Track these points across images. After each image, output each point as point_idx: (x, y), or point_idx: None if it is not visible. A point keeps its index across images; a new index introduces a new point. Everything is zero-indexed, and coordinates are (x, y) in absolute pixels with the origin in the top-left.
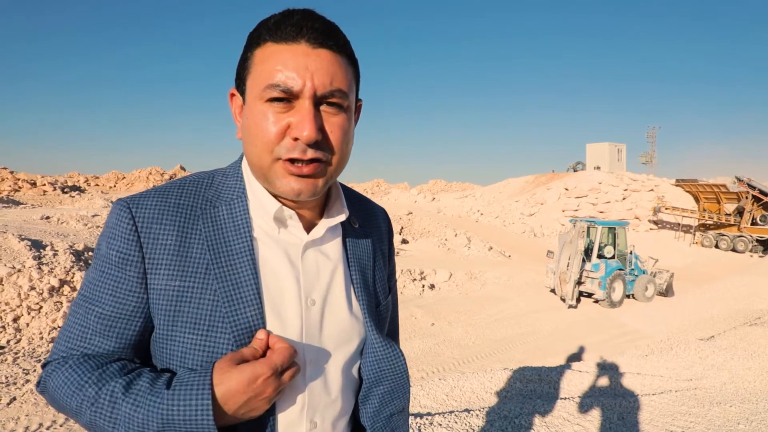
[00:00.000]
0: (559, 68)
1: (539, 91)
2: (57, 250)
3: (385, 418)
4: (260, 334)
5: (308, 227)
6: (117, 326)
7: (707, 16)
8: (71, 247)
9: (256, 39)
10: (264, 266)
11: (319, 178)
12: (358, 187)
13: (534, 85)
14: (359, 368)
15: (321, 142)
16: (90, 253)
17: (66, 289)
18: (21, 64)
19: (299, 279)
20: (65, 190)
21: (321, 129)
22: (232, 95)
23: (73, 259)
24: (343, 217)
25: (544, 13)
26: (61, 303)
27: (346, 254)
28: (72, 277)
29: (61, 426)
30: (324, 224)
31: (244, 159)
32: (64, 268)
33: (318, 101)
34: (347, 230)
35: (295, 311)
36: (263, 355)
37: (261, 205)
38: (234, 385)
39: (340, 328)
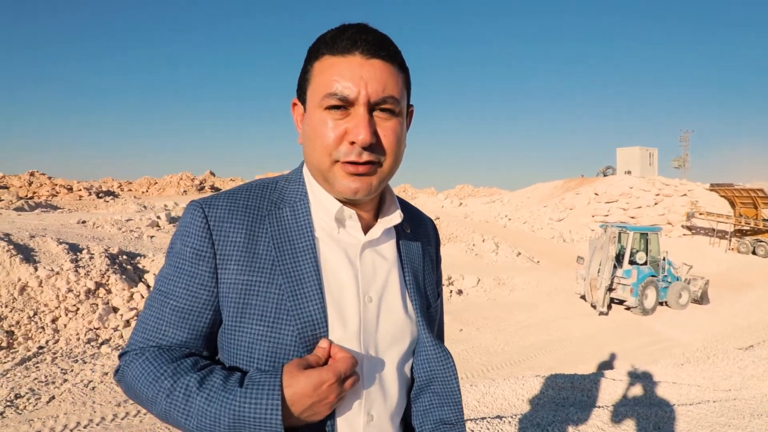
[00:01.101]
0: (590, 72)
1: (568, 94)
2: (93, 254)
3: (434, 423)
4: (323, 343)
5: (365, 229)
6: (190, 318)
7: (742, 18)
8: (106, 250)
9: (314, 53)
10: (325, 264)
11: (373, 177)
12: None
13: (563, 88)
14: (412, 368)
15: (375, 146)
16: (124, 257)
17: (101, 291)
18: (55, 69)
19: (357, 277)
20: (100, 195)
21: (375, 133)
22: (294, 105)
23: (108, 262)
24: (398, 219)
25: (576, 17)
26: (97, 305)
27: (399, 256)
28: (107, 280)
29: (97, 425)
30: (381, 225)
31: (305, 165)
32: (100, 271)
33: (372, 108)
34: (400, 234)
35: (354, 307)
36: (325, 362)
37: (322, 206)
38: (301, 388)
39: (395, 325)
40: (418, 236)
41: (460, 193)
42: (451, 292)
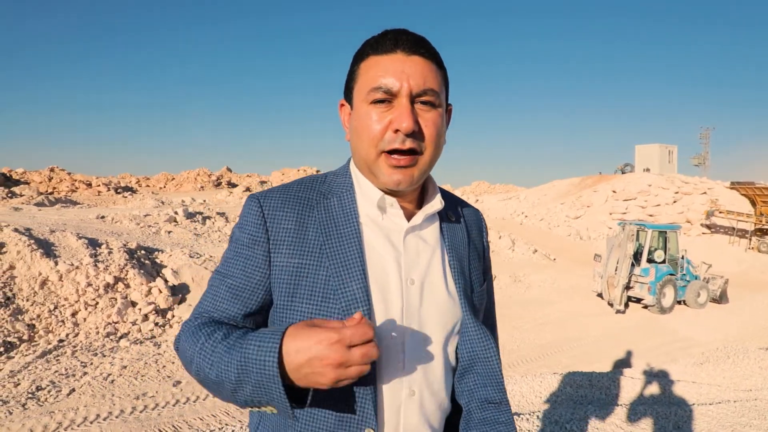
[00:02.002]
0: (609, 69)
1: (588, 91)
2: (112, 249)
3: (479, 402)
4: (356, 315)
5: (408, 217)
6: (243, 295)
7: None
8: (125, 245)
9: (360, 55)
10: (369, 248)
11: (414, 169)
12: None
13: (582, 85)
14: (456, 348)
15: (417, 134)
16: (142, 251)
17: (120, 285)
18: (76, 66)
19: (400, 261)
20: (118, 191)
21: (417, 122)
22: (342, 105)
23: (127, 257)
24: (439, 206)
25: (596, 15)
26: (116, 299)
27: (443, 241)
28: (125, 275)
29: (117, 417)
30: (423, 212)
31: (351, 161)
32: (119, 265)
33: (413, 99)
34: (444, 221)
35: (397, 289)
36: None
37: (366, 195)
38: (302, 339)
39: (438, 307)
40: (464, 224)
41: (476, 190)
42: None
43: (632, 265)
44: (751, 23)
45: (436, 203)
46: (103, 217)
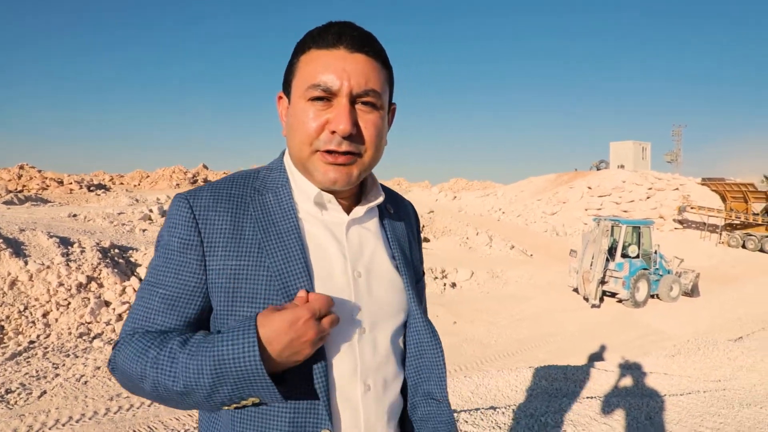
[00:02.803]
0: (584, 66)
1: (562, 89)
2: (84, 247)
3: (422, 396)
4: (301, 293)
5: (347, 211)
6: (179, 305)
7: (736, 13)
8: (98, 244)
9: (301, 47)
10: (311, 242)
11: (352, 168)
12: None
13: (557, 83)
14: (404, 340)
15: (355, 137)
16: (116, 250)
17: (93, 285)
18: (47, 62)
19: (345, 253)
20: (91, 189)
21: (356, 124)
22: (280, 98)
23: (100, 256)
24: (380, 200)
25: (570, 13)
26: (89, 299)
27: (385, 233)
28: (99, 274)
29: (90, 419)
30: (364, 205)
31: (286, 155)
32: (92, 264)
33: (353, 100)
34: (384, 214)
35: (344, 283)
36: None
37: (303, 191)
38: (277, 325)
39: (387, 299)
40: (401, 216)
41: (454, 187)
42: (444, 285)
43: (607, 260)
44: (723, 23)
45: (378, 196)
46: (75, 215)
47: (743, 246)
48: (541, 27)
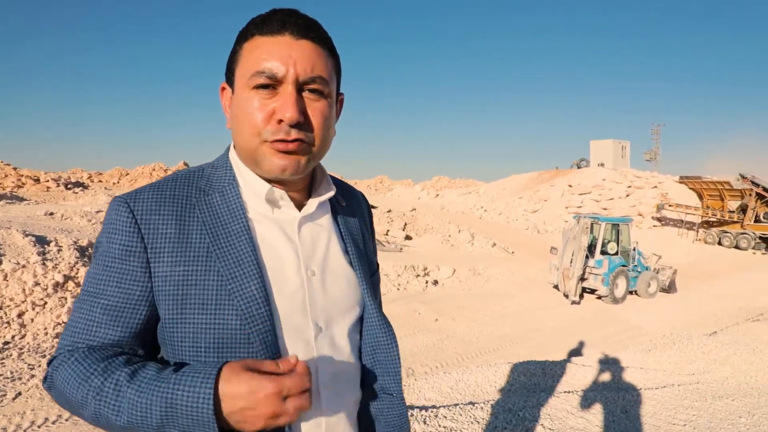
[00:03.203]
0: (564, 65)
1: (543, 87)
2: (61, 246)
3: (378, 389)
4: (292, 358)
5: (299, 207)
6: (123, 315)
7: (715, 13)
8: (75, 242)
9: (244, 34)
10: (263, 243)
11: (301, 156)
12: (362, 184)
13: (538, 82)
14: (360, 334)
15: (303, 125)
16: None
17: (70, 284)
18: (23, 60)
19: (297, 252)
20: (69, 186)
21: (303, 112)
22: (223, 89)
23: (77, 254)
24: (331, 194)
25: (550, 10)
26: (66, 299)
27: (338, 228)
28: (76, 273)
29: (66, 420)
30: (315, 200)
31: (231, 150)
32: (69, 263)
33: (300, 87)
34: (336, 208)
35: (298, 283)
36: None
37: (252, 189)
38: (236, 387)
39: (341, 295)
40: (353, 209)
41: (436, 185)
42: (426, 282)
43: (587, 257)
44: (702, 23)
45: (329, 190)
46: (51, 213)
47: (719, 243)
48: (522, 26)
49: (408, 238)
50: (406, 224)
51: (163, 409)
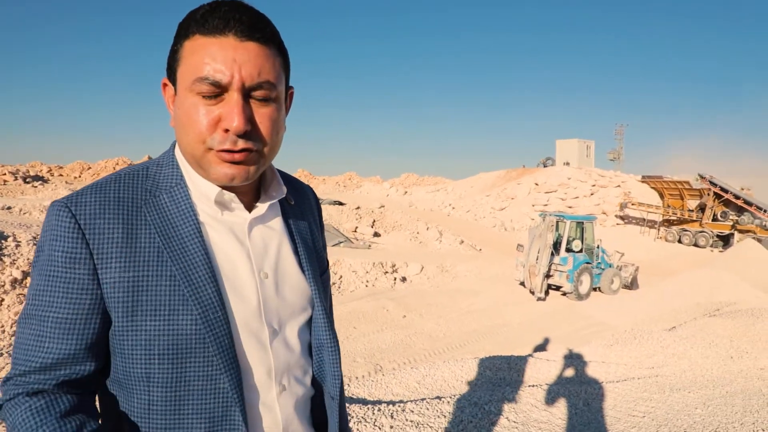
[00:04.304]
0: (531, 64)
1: (511, 86)
2: (20, 241)
3: (327, 388)
4: None
5: (249, 208)
6: (75, 327)
7: (676, 13)
8: (34, 238)
9: (185, 30)
10: (215, 247)
11: (250, 165)
12: (331, 180)
13: (505, 80)
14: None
15: (251, 133)
16: None
17: (29, 281)
18: None
19: (249, 255)
20: (27, 180)
21: (251, 120)
22: (165, 85)
23: None
24: (282, 194)
25: (515, 9)
26: (24, 295)
27: (288, 229)
28: None
29: None
30: (265, 201)
31: (177, 148)
32: (28, 259)
33: (246, 93)
34: (285, 207)
35: (251, 286)
36: None
37: (200, 191)
38: None
39: (293, 297)
40: (303, 206)
41: (405, 182)
42: (395, 279)
43: (552, 254)
44: (665, 24)
45: (279, 190)
46: (9, 207)
47: (679, 241)
48: (489, 24)
49: (376, 235)
50: (374, 221)
51: None
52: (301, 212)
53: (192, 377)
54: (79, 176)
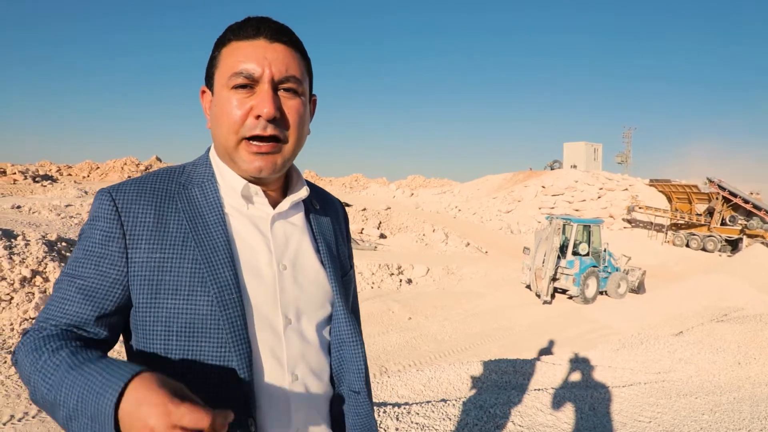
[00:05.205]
0: (539, 67)
1: (518, 89)
2: (29, 240)
3: (346, 386)
4: (222, 411)
5: (273, 205)
6: (96, 295)
7: (685, 20)
8: (44, 237)
9: (222, 40)
10: (237, 237)
11: (277, 156)
12: (337, 182)
13: (513, 83)
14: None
15: (279, 121)
16: (63, 243)
17: (38, 279)
18: None
19: (270, 247)
20: (36, 179)
21: (279, 109)
22: (203, 92)
23: (46, 249)
24: (305, 194)
25: (522, 11)
26: (33, 294)
27: (310, 228)
28: (44, 268)
29: (33, 418)
30: (289, 199)
31: (211, 150)
32: (37, 258)
33: (276, 86)
34: (309, 209)
35: (269, 275)
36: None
37: (229, 185)
38: (139, 395)
39: (312, 291)
40: (328, 212)
41: (411, 184)
42: (401, 281)
43: (558, 257)
44: (674, 28)
45: (302, 191)
46: (19, 206)
47: (687, 245)
48: (497, 26)
49: (382, 236)
50: (380, 223)
51: (80, 394)
52: (326, 216)
53: (206, 357)
54: (88, 176)
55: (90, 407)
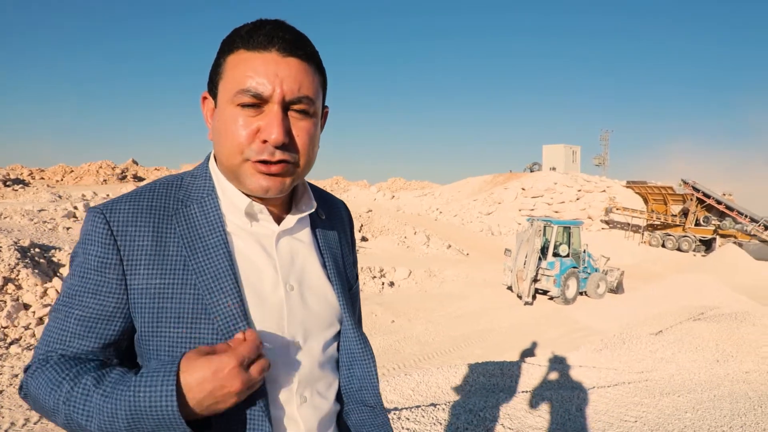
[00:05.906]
0: (518, 70)
1: (498, 91)
2: (0, 246)
3: (356, 404)
4: (238, 335)
5: (277, 221)
6: (97, 327)
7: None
8: (16, 243)
9: (229, 46)
10: (240, 257)
11: (286, 177)
12: (317, 184)
13: (493, 85)
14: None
15: (288, 145)
16: (37, 249)
17: (10, 287)
18: None
19: (276, 267)
20: (8, 183)
21: (288, 132)
22: (204, 99)
23: (18, 255)
24: (312, 209)
25: (502, 13)
26: (5, 302)
27: (317, 242)
28: (17, 275)
29: (35, 424)
30: (294, 215)
31: (211, 160)
32: (9, 265)
33: (286, 106)
34: (315, 221)
35: (276, 298)
36: None
37: (231, 202)
38: (198, 373)
39: (320, 311)
40: (333, 221)
41: (392, 186)
42: (383, 284)
43: (539, 259)
44: (650, 32)
45: (309, 205)
46: None
47: (663, 245)
48: (478, 28)
49: (364, 239)
50: (362, 226)
51: (128, 414)
52: (332, 226)
53: None
54: (62, 179)
55: (149, 422)
